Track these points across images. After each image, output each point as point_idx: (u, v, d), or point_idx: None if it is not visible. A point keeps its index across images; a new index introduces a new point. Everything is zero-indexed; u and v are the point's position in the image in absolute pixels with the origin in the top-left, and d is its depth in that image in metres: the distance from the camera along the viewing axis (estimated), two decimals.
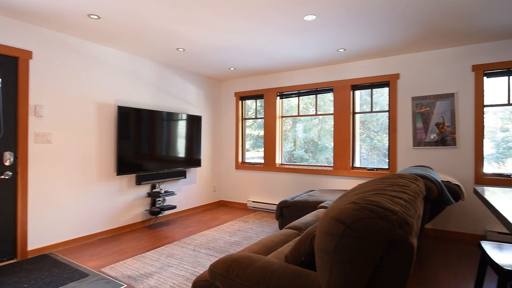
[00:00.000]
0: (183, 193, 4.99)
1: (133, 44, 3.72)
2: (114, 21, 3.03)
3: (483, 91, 3.63)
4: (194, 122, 5.01)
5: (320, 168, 4.78)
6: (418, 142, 3.96)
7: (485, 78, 3.66)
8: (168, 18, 2.95)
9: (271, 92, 5.22)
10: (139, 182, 4.08)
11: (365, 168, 4.41)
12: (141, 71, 4.29)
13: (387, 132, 4.27)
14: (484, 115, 3.66)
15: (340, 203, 1.24)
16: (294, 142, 5.34)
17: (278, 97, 5.22)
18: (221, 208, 5.49)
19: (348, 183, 4.48)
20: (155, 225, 4.29)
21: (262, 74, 5.31)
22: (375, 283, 1.07)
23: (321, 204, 3.19)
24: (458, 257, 3.11)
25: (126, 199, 4.05)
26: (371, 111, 4.45)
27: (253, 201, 5.34)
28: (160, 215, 4.50)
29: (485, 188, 1.84)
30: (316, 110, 4.95)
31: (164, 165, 4.42)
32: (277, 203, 4.86)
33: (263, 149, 5.38)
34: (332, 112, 4.73)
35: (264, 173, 5.30)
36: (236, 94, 5.66)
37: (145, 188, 4.31)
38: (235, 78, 5.65)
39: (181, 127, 4.76)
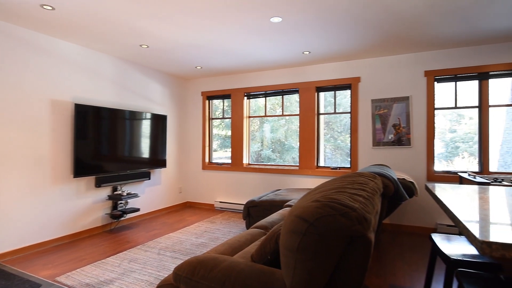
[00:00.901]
0: (147, 195, 4.82)
1: (92, 38, 3.52)
2: (70, 13, 2.84)
3: (434, 95, 3.93)
4: (159, 122, 4.86)
5: (286, 167, 4.88)
6: (377, 142, 4.19)
7: (435, 83, 3.97)
8: (131, 13, 2.83)
9: (239, 92, 5.22)
10: (98, 184, 3.87)
11: (329, 167, 4.57)
12: (102, 68, 4.07)
13: (350, 132, 4.47)
14: (435, 117, 3.97)
15: (304, 201, 1.27)
16: (262, 142, 5.40)
17: (246, 97, 5.24)
18: (187, 209, 5.39)
19: (313, 182, 4.61)
20: (116, 229, 4.10)
21: (230, 74, 5.29)
22: (336, 277, 1.12)
23: (287, 203, 3.25)
24: (412, 249, 3.34)
25: (84, 202, 3.82)
26: (335, 112, 4.62)
27: (221, 202, 5.31)
28: (122, 218, 4.31)
29: (436, 184, 1.99)
30: (282, 111, 5.04)
31: (126, 166, 4.23)
32: (244, 203, 4.87)
33: (230, 149, 5.36)
34: (298, 113, 4.85)
35: (232, 173, 5.29)
36: (203, 93, 5.58)
37: (105, 191, 4.09)
38: (202, 77, 5.57)
39: (145, 127, 4.59)
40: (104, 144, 3.92)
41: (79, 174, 3.60)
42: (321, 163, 4.71)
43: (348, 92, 4.53)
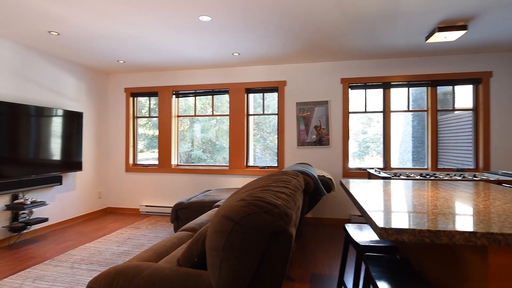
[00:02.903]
0: (59, 202, 4.25)
1: None
2: None
3: (348, 100, 4.40)
4: (73, 120, 4.32)
5: (217, 168, 4.87)
6: (301, 142, 4.50)
7: (349, 89, 4.45)
8: None
9: (167, 90, 5.00)
10: None
11: (258, 166, 4.72)
12: None
13: (277, 133, 4.69)
14: (349, 120, 4.45)
15: (230, 201, 1.29)
16: (192, 142, 5.27)
17: (174, 96, 5.05)
18: (108, 216, 4.93)
19: (243, 181, 4.70)
20: (17, 244, 3.51)
21: (157, 71, 5.03)
22: (260, 272, 1.16)
23: (217, 204, 3.24)
24: (330, 239, 3.68)
25: None
26: (263, 114, 4.80)
27: (147, 206, 5.00)
28: (25, 231, 3.71)
29: (350, 180, 2.23)
30: (212, 111, 5.01)
31: (31, 170, 3.65)
32: (172, 206, 4.68)
33: (158, 149, 5.09)
34: (228, 113, 4.88)
35: (159, 174, 5.03)
36: (126, 90, 5.18)
37: (2, 200, 3.47)
38: (125, 72, 5.17)
39: (56, 125, 4.04)
40: (1, 144, 3.32)
41: None
42: (251, 163, 4.83)
43: (275, 94, 4.75)
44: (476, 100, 4.15)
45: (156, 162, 5.17)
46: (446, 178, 3.29)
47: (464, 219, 1.06)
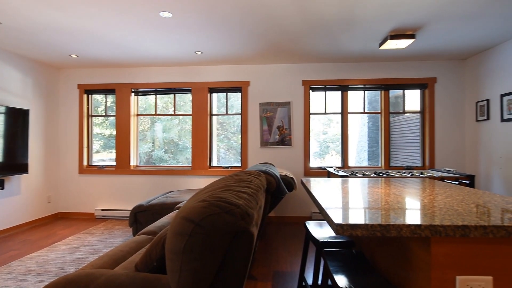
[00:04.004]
0: (0, 208, 3.85)
1: None
2: None
3: (309, 101, 4.55)
4: (18, 117, 3.94)
5: (179, 168, 4.74)
6: (264, 142, 4.55)
7: (310, 91, 4.60)
8: None
9: (125, 87, 4.77)
10: None
11: (221, 166, 4.69)
12: None
13: (241, 133, 4.70)
14: (311, 121, 4.60)
15: (191, 202, 1.27)
16: (153, 143, 5.08)
17: (133, 94, 4.83)
18: (59, 221, 4.57)
19: (206, 182, 4.64)
20: None
21: (114, 67, 4.77)
22: (221, 272, 1.16)
23: (178, 205, 3.16)
24: (292, 237, 3.78)
25: None
26: (227, 114, 4.78)
27: (103, 209, 4.72)
28: None
29: (311, 179, 2.31)
30: (174, 110, 4.88)
31: None
32: (131, 209, 4.48)
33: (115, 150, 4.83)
34: (191, 112, 4.78)
35: (117, 176, 4.78)
36: (80, 86, 4.85)
37: None
38: (78, 68, 4.83)
39: None
40: None
41: None
42: (214, 163, 4.79)
43: (239, 94, 4.75)
44: (423, 103, 4.52)
45: (114, 163, 4.90)
46: (397, 175, 3.54)
47: (410, 213, 1.15)
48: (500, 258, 1.00)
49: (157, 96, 4.89)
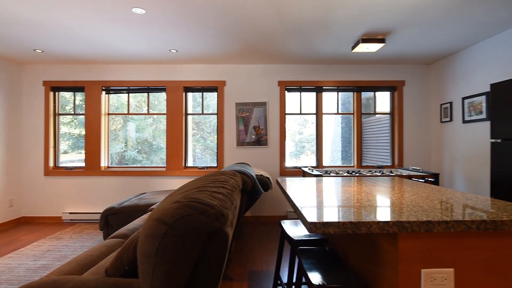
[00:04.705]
0: None
1: None
2: None
3: (285, 102, 4.60)
4: None
5: (153, 169, 4.62)
6: (241, 142, 4.55)
7: (286, 92, 4.66)
8: None
9: (95, 85, 4.57)
10: None
11: (197, 167, 4.63)
12: None
13: (217, 133, 4.66)
14: (286, 121, 4.65)
15: (165, 204, 1.24)
16: (126, 143, 4.91)
17: (104, 92, 4.64)
18: (22, 227, 4.29)
19: (181, 183, 4.56)
20: None
21: (84, 63, 4.56)
22: (195, 274, 1.14)
23: (152, 207, 3.08)
24: (268, 236, 3.81)
25: None
26: (202, 113, 4.72)
27: (71, 213, 4.50)
28: None
29: (286, 178, 2.33)
30: (148, 109, 4.75)
31: None
32: (102, 211, 4.31)
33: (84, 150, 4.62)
34: (165, 112, 4.68)
35: (86, 178, 4.57)
36: (45, 83, 4.58)
37: None
38: (44, 63, 4.57)
39: None
40: None
41: None
42: (190, 163, 4.71)
43: (215, 94, 4.71)
44: (392, 105, 4.72)
45: (83, 164, 4.69)
46: (368, 174, 3.67)
47: (380, 211, 1.19)
48: (461, 251, 1.07)
49: (130, 94, 4.73)
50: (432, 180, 3.50)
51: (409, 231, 1.04)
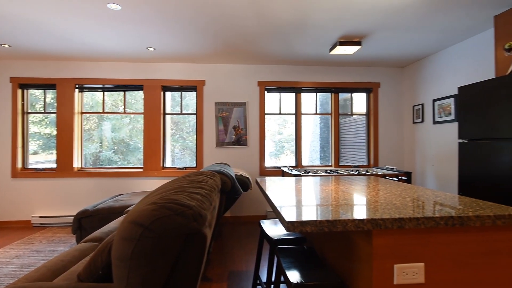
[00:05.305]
0: None
1: None
2: None
3: (264, 102, 4.62)
4: None
5: (129, 170, 4.49)
6: (220, 142, 4.52)
7: (266, 92, 4.68)
8: None
9: (67, 82, 4.38)
10: None
11: (175, 167, 4.55)
12: None
13: (196, 133, 4.61)
14: (266, 121, 4.68)
15: (141, 205, 1.21)
16: (101, 143, 4.74)
17: (77, 90, 4.46)
18: None
19: (159, 183, 4.46)
20: None
21: (55, 60, 4.36)
22: (173, 276, 1.12)
23: (128, 209, 3.00)
24: (248, 236, 3.81)
25: None
26: (181, 113, 4.65)
27: (41, 216, 4.28)
28: None
29: (266, 178, 2.34)
30: (124, 108, 4.61)
31: None
32: (75, 214, 4.13)
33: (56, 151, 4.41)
34: (143, 111, 4.56)
35: (57, 180, 4.37)
36: (13, 79, 4.34)
37: None
38: (11, 59, 4.32)
39: None
40: None
41: None
42: (168, 164, 4.63)
43: (194, 93, 4.65)
44: (368, 106, 4.87)
45: (55, 165, 4.48)
46: (345, 173, 3.76)
47: (355, 209, 1.23)
48: (431, 246, 1.12)
49: (106, 93, 4.58)
50: (405, 178, 3.64)
51: (382, 228, 1.08)
